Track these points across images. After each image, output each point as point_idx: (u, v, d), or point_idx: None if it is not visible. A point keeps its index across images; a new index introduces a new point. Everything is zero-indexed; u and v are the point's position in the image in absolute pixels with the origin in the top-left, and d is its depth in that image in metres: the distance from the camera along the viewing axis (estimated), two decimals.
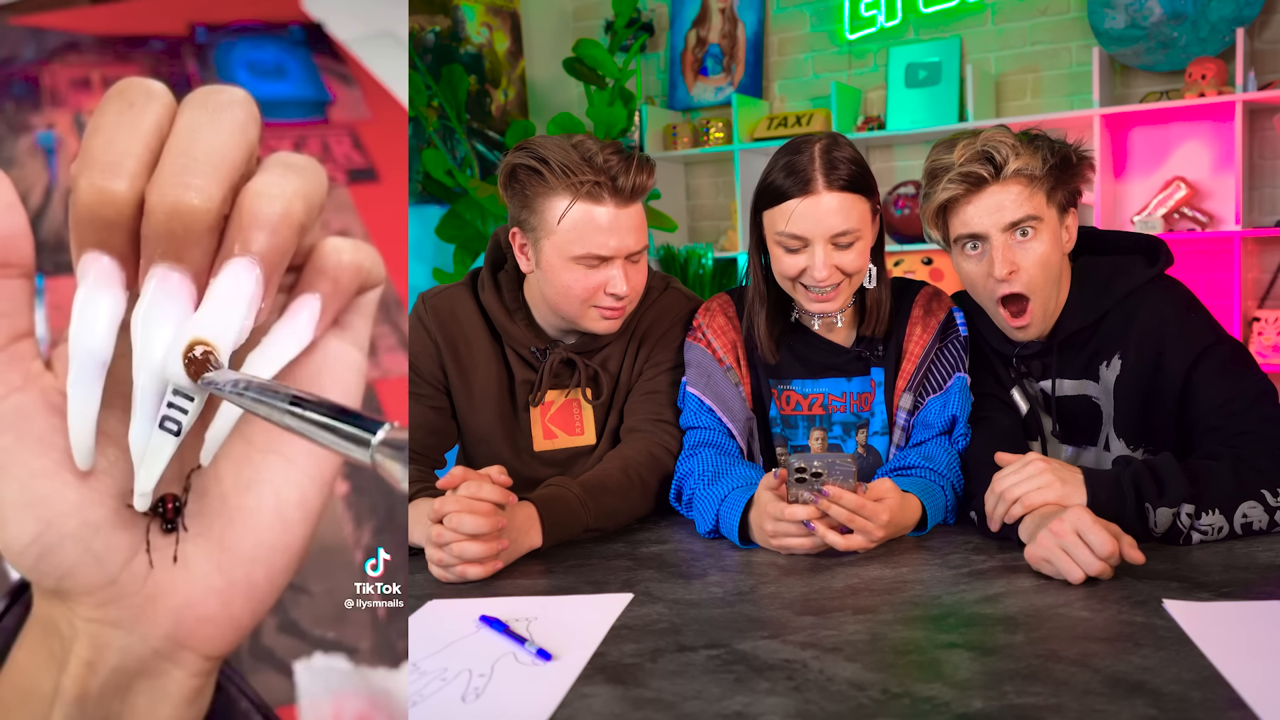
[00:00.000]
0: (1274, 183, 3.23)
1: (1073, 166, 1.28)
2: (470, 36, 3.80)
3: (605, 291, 1.34)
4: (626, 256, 1.34)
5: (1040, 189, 1.25)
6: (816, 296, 1.33)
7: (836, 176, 1.28)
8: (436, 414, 1.46)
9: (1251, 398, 1.22)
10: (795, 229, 1.29)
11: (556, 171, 1.29)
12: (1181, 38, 3.23)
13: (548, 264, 1.35)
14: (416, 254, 3.49)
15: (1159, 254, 1.33)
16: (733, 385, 1.41)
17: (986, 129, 1.30)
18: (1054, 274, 1.29)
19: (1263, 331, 3.11)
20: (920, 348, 1.38)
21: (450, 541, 1.11)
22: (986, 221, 1.26)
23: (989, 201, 1.26)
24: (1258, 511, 1.12)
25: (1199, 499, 1.11)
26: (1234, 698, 0.73)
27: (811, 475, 1.13)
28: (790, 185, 1.29)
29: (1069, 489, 1.12)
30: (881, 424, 1.41)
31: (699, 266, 3.58)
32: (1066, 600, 0.96)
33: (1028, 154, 1.25)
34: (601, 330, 1.38)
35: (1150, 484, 1.11)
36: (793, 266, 1.32)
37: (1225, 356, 1.25)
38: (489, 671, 0.87)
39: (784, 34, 3.96)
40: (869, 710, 0.75)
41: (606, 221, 1.31)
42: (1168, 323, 1.27)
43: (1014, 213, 1.25)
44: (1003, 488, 1.13)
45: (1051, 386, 1.35)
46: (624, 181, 1.30)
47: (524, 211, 1.35)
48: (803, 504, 1.13)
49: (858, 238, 1.30)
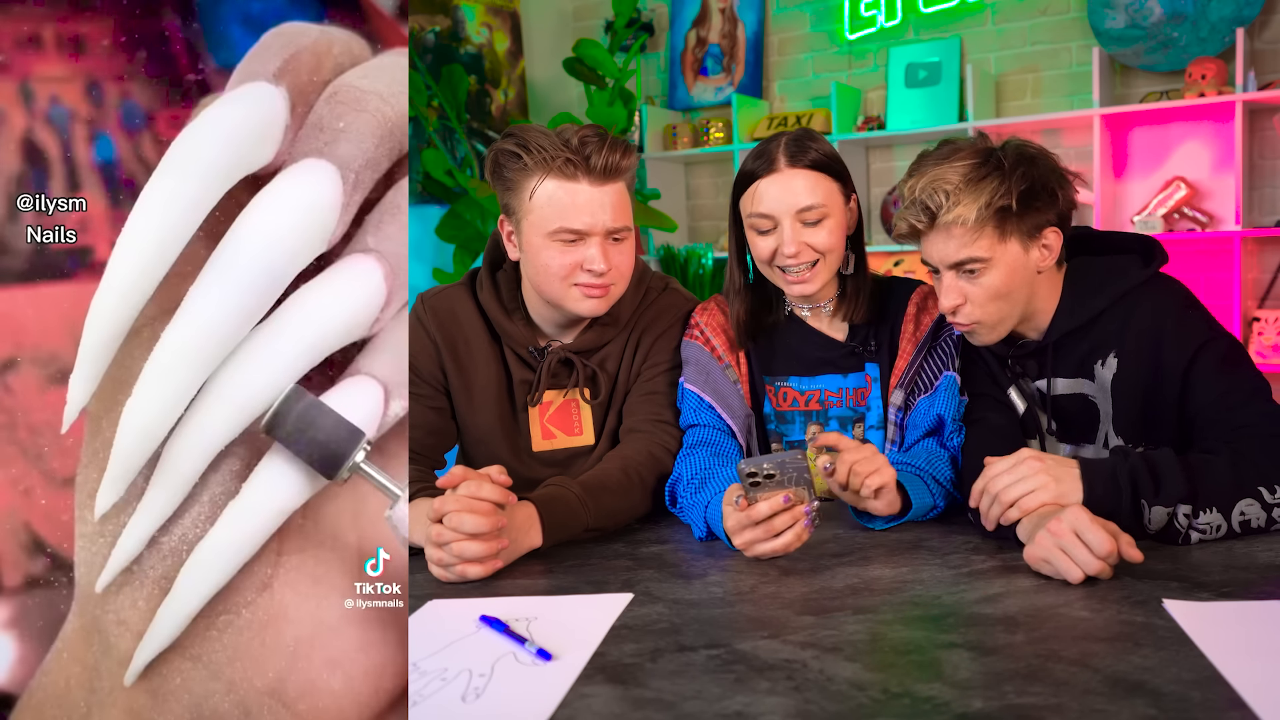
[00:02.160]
0: (1274, 183, 3.23)
1: (1041, 197, 1.24)
2: (470, 36, 3.80)
3: (583, 268, 1.34)
4: (606, 235, 1.34)
5: (986, 229, 1.22)
6: (792, 279, 1.36)
7: (801, 157, 1.34)
8: (436, 414, 1.46)
9: (1248, 392, 1.22)
10: (762, 207, 1.35)
11: (533, 152, 1.31)
12: (1181, 38, 3.23)
13: (528, 245, 1.36)
14: (416, 254, 3.50)
15: (1154, 253, 1.33)
16: (731, 383, 1.42)
17: (959, 142, 1.29)
18: (1013, 299, 1.27)
19: (1263, 331, 3.11)
20: (913, 345, 1.39)
21: (450, 541, 1.11)
22: (935, 257, 1.28)
23: (934, 241, 1.26)
24: (1255, 509, 1.12)
25: (1195, 498, 1.10)
26: (1234, 698, 0.73)
27: (765, 478, 1.11)
28: (758, 167, 1.36)
29: (1065, 487, 1.12)
30: (877, 418, 1.42)
31: (699, 266, 3.58)
32: (1066, 600, 0.96)
33: (967, 200, 1.21)
34: (586, 311, 1.38)
35: (1147, 481, 1.11)
36: (766, 249, 1.36)
37: (1222, 352, 1.25)
38: (489, 671, 0.87)
39: (784, 34, 3.96)
40: (869, 710, 0.75)
41: (579, 198, 1.31)
42: (1166, 320, 1.27)
43: (955, 255, 1.25)
44: (997, 489, 1.13)
45: (1047, 386, 1.35)
46: (597, 159, 1.31)
47: (506, 195, 1.36)
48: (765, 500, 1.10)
49: (825, 214, 1.34)
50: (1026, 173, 1.22)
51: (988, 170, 1.22)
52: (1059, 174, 1.27)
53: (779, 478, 1.11)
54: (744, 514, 1.12)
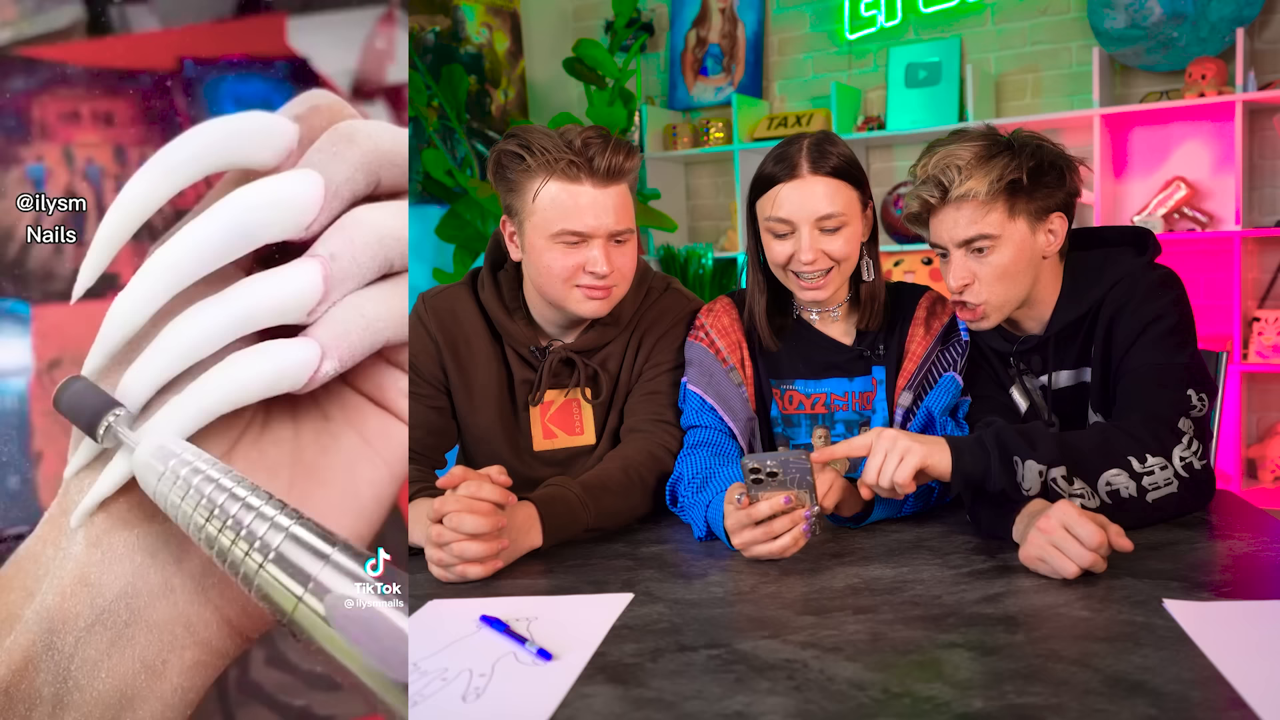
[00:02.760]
0: (1274, 183, 3.23)
1: (1049, 175, 1.27)
2: (470, 36, 3.80)
3: (586, 270, 1.34)
4: (609, 237, 1.34)
5: (996, 206, 1.25)
6: (807, 284, 1.36)
7: (823, 163, 1.33)
8: (436, 414, 1.46)
9: (1159, 371, 1.24)
10: (782, 212, 1.34)
11: (536, 153, 1.31)
12: (1181, 38, 3.23)
13: (530, 246, 1.36)
14: (416, 254, 3.50)
15: (1147, 244, 1.37)
16: (735, 385, 1.42)
17: (970, 128, 1.32)
18: (1019, 280, 1.30)
19: (1263, 331, 3.11)
20: (923, 348, 1.39)
21: (450, 541, 1.11)
22: (944, 237, 1.30)
23: (944, 219, 1.29)
24: (1123, 479, 1.14)
25: (1066, 463, 1.12)
26: (1234, 698, 0.73)
27: (767, 475, 1.12)
28: (778, 171, 1.35)
29: (930, 447, 1.13)
30: (882, 421, 1.42)
31: (699, 266, 3.58)
32: (1066, 600, 0.96)
33: (979, 175, 1.24)
34: (588, 313, 1.38)
35: (1020, 441, 1.12)
36: (782, 253, 1.36)
37: (1165, 330, 1.27)
38: (489, 671, 0.87)
39: (784, 34, 3.96)
40: (869, 710, 0.75)
41: (582, 199, 1.31)
42: (1132, 297, 1.30)
43: (965, 231, 1.27)
44: (874, 482, 1.13)
45: (1049, 380, 1.36)
46: (600, 161, 1.31)
47: (509, 196, 1.37)
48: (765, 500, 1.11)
49: (844, 223, 1.34)
50: (1035, 152, 1.27)
51: (998, 149, 1.26)
52: (1066, 158, 1.31)
53: (781, 477, 1.11)
54: (744, 512, 1.12)
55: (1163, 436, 1.17)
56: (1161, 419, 1.18)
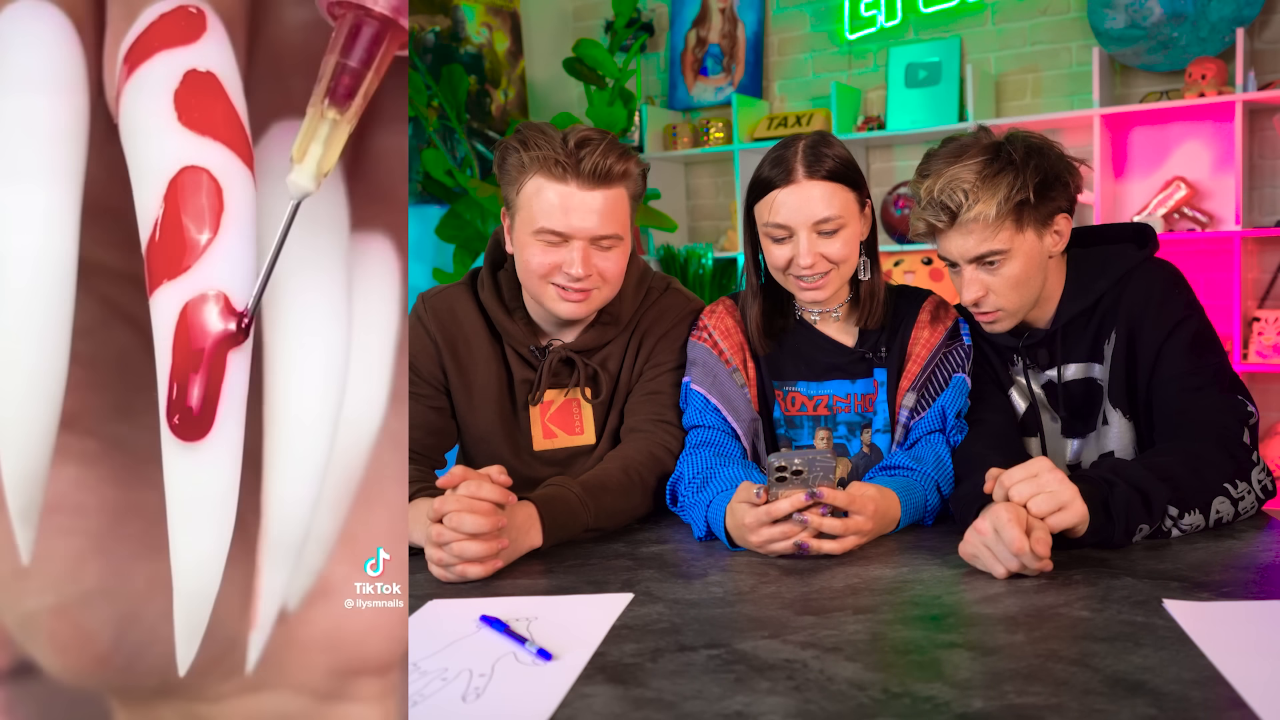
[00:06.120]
0: (1274, 183, 3.23)
1: (1055, 186, 1.28)
2: (470, 36, 3.80)
3: (562, 270, 1.34)
4: (591, 240, 1.33)
5: (1005, 223, 1.26)
6: (806, 285, 1.36)
7: (819, 166, 1.33)
8: (436, 414, 1.46)
9: (1208, 377, 1.27)
10: (779, 218, 1.33)
11: (530, 148, 1.31)
12: (1181, 38, 3.23)
13: (517, 239, 1.37)
14: (416, 254, 3.50)
15: (1147, 238, 1.39)
16: (738, 386, 1.42)
17: (964, 138, 1.31)
18: (1032, 284, 1.32)
19: (1263, 331, 3.11)
20: (927, 350, 1.39)
21: (450, 541, 1.11)
22: (955, 253, 1.30)
23: (953, 239, 1.29)
24: (1225, 505, 1.18)
25: (1181, 503, 1.14)
26: (1234, 698, 0.73)
27: (792, 474, 1.12)
28: (775, 175, 1.34)
29: (1077, 508, 1.07)
30: (884, 422, 1.42)
31: (699, 266, 3.58)
32: (1066, 600, 0.96)
33: (986, 197, 1.24)
34: (564, 314, 1.37)
35: (1139, 508, 1.11)
36: (780, 257, 1.35)
37: (1194, 332, 1.30)
38: (489, 671, 0.87)
39: (784, 34, 3.96)
40: (869, 710, 0.75)
41: (565, 200, 1.31)
42: (1153, 297, 1.32)
43: (975, 250, 1.28)
44: (1021, 497, 1.06)
45: (1058, 374, 1.37)
46: (588, 163, 1.30)
47: (506, 189, 1.37)
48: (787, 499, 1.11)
49: (841, 225, 1.34)
50: (1039, 165, 1.26)
51: (1001, 165, 1.26)
52: (1066, 161, 1.31)
53: (805, 475, 1.12)
54: (763, 510, 1.12)
55: (1240, 458, 1.21)
56: (1234, 439, 1.21)
